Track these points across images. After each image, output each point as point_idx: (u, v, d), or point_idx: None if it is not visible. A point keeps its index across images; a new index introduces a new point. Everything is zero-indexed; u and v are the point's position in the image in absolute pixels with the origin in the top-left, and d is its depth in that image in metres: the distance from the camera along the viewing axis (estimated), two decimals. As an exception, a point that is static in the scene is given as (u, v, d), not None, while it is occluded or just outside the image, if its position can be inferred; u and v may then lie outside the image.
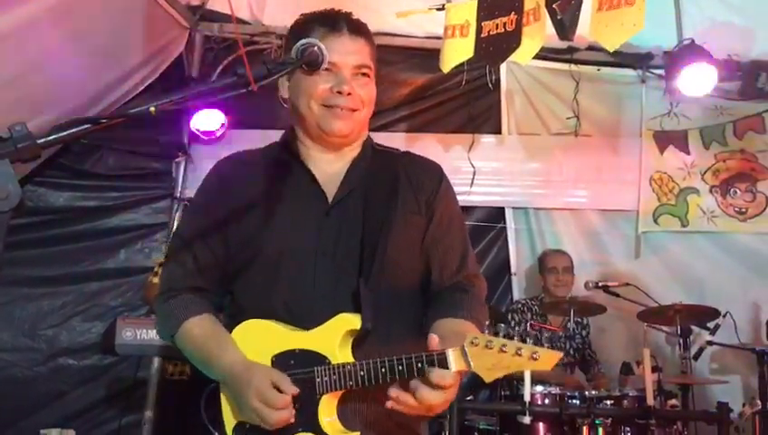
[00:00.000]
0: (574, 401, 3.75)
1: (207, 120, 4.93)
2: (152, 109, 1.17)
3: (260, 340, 1.72)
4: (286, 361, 1.68)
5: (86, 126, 1.15)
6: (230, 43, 5.06)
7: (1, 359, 4.72)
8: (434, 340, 1.54)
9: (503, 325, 4.28)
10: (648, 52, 5.16)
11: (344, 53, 1.75)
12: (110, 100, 4.54)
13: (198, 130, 4.97)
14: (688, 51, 4.69)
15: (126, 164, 5.05)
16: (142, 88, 4.70)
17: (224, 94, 1.29)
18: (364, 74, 1.80)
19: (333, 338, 1.65)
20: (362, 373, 1.59)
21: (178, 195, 4.99)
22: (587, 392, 3.83)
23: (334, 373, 1.62)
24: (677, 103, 5.21)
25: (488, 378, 1.48)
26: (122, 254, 4.97)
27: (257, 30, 5.03)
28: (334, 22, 1.77)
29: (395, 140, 5.16)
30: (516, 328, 4.67)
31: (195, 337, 1.78)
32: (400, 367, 1.54)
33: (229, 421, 1.75)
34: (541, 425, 3.72)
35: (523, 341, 3.76)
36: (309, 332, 1.69)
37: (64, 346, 4.79)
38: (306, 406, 1.64)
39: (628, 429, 3.72)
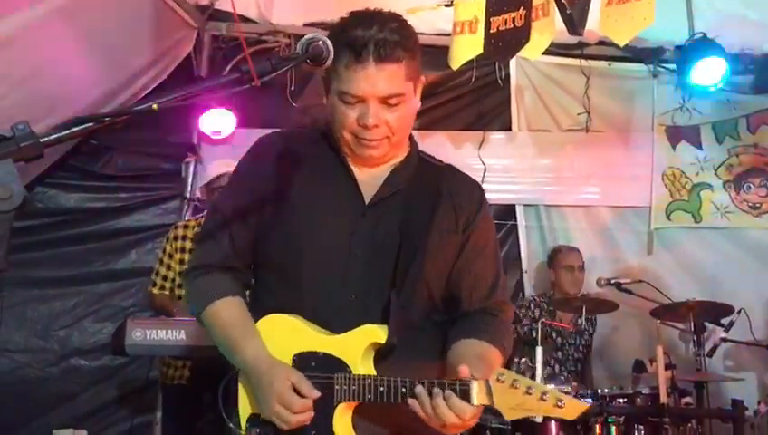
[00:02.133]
0: (587, 399, 3.71)
1: (217, 120, 4.93)
2: (155, 106, 1.15)
3: (284, 336, 1.71)
4: (308, 362, 1.67)
5: (89, 124, 1.13)
6: (238, 42, 5.07)
7: (14, 359, 4.75)
8: (464, 370, 1.51)
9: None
10: (659, 46, 5.12)
11: (369, 84, 1.64)
12: (120, 100, 4.55)
13: (207, 130, 4.97)
14: (700, 45, 4.66)
15: (136, 165, 5.07)
16: (151, 88, 4.70)
17: (228, 90, 1.28)
18: (394, 104, 1.69)
19: (357, 348, 1.64)
20: (382, 389, 1.57)
21: (188, 195, 4.99)
22: (599, 390, 3.79)
23: (354, 384, 1.61)
24: (689, 98, 5.17)
25: (509, 417, 1.48)
26: (133, 254, 4.99)
27: (265, 29, 5.03)
28: (360, 48, 1.63)
29: (404, 137, 5.14)
30: (526, 327, 4.64)
31: (222, 321, 1.76)
32: (431, 388, 1.53)
33: (245, 411, 1.74)
34: (553, 424, 3.67)
35: (534, 338, 3.73)
36: (333, 337, 1.67)
37: (76, 347, 4.82)
38: (322, 411, 1.63)
39: (641, 427, 3.67)
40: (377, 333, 1.63)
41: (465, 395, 1.49)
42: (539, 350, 3.49)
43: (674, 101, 5.21)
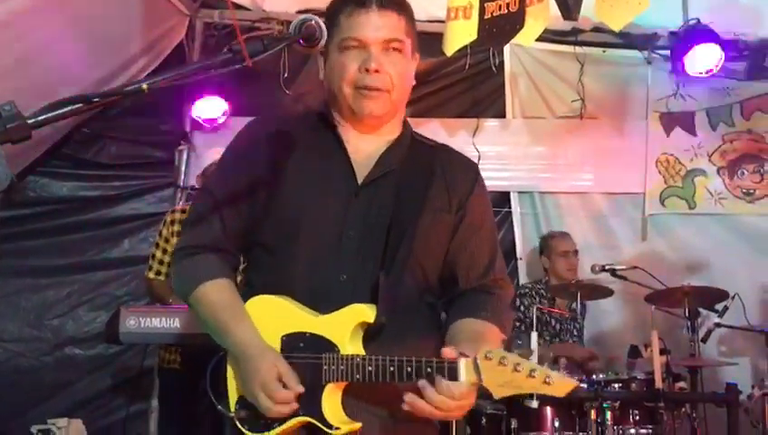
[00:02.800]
0: (582, 384, 3.72)
1: (209, 107, 4.91)
2: (145, 86, 1.14)
3: (273, 317, 1.70)
4: (296, 342, 1.66)
5: (78, 105, 1.11)
6: (231, 29, 5.03)
7: (7, 349, 4.74)
8: (447, 351, 1.51)
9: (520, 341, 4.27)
10: (653, 32, 5.10)
11: (371, 28, 1.68)
12: (112, 88, 4.51)
13: (200, 118, 4.95)
14: (694, 31, 4.65)
15: (128, 153, 5.05)
16: (143, 76, 4.67)
17: (219, 70, 1.26)
18: (395, 49, 1.72)
19: (345, 327, 1.62)
20: (370, 369, 1.56)
21: (181, 183, 4.97)
22: (595, 376, 3.80)
23: (342, 363, 1.60)
24: (684, 84, 5.15)
25: (497, 394, 1.47)
26: (126, 243, 4.97)
27: (258, 16, 4.99)
28: None
29: (398, 125, 5.12)
30: (526, 312, 4.64)
31: (211, 303, 1.74)
32: (409, 368, 1.52)
33: (233, 393, 1.73)
34: (548, 409, 3.68)
35: (532, 325, 3.74)
36: (322, 316, 1.66)
37: (70, 336, 4.81)
38: (310, 392, 1.62)
39: (636, 411, 3.69)
40: (365, 313, 1.61)
41: (453, 373, 1.48)
42: (534, 335, 3.49)
43: (668, 88, 5.19)
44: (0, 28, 3.50)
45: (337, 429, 1.61)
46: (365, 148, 1.79)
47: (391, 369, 1.53)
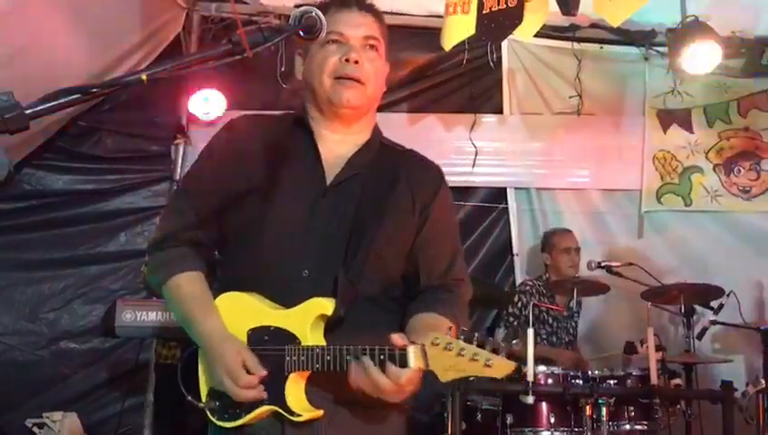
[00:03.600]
0: (577, 380, 3.72)
1: (206, 101, 4.88)
2: (144, 77, 1.13)
3: (240, 312, 1.79)
4: (261, 336, 1.75)
5: (76, 96, 1.11)
6: (228, 22, 5.01)
7: (2, 343, 4.71)
8: (396, 338, 1.59)
9: (498, 330, 4.28)
10: (651, 29, 5.11)
11: (353, 25, 1.84)
12: (110, 78, 4.49)
13: (197, 112, 4.92)
14: (692, 28, 4.62)
15: (124, 147, 5.01)
16: (141, 68, 4.65)
17: (219, 61, 1.25)
18: (372, 46, 1.86)
19: (306, 320, 1.71)
20: (328, 358, 1.64)
21: (178, 177, 4.95)
22: (590, 372, 3.80)
23: (303, 354, 1.68)
24: (681, 81, 5.16)
25: (443, 378, 1.54)
26: (122, 237, 4.95)
27: (255, 9, 4.97)
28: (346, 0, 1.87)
29: (396, 120, 5.12)
30: (523, 309, 4.64)
31: (182, 294, 1.83)
32: (364, 355, 1.60)
33: (204, 385, 1.82)
34: (544, 405, 3.69)
35: (530, 322, 3.73)
36: (285, 311, 1.74)
37: (66, 329, 4.78)
38: (274, 382, 1.71)
39: (631, 408, 3.69)
40: (325, 306, 1.70)
41: (403, 359, 1.56)
42: (530, 331, 3.49)
43: (665, 85, 5.20)
44: (-2, 20, 3.48)
45: (299, 416, 1.70)
46: (336, 149, 1.88)
47: (348, 357, 1.62)
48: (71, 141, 4.93)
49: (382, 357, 1.58)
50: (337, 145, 1.89)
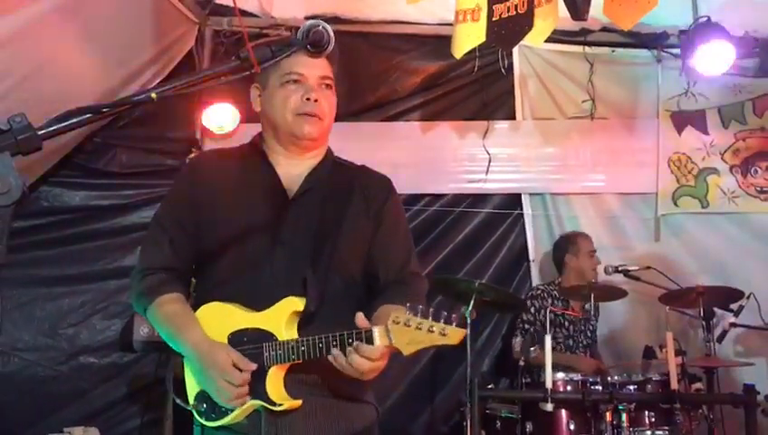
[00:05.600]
0: (596, 386, 3.70)
1: (220, 115, 4.91)
2: (153, 95, 1.14)
3: (219, 320, 1.96)
4: (240, 338, 1.93)
5: (87, 115, 1.12)
6: (240, 36, 5.03)
7: (23, 359, 4.74)
8: (360, 318, 1.81)
9: (515, 339, 4.28)
10: (663, 31, 5.08)
11: (309, 65, 2.02)
12: (120, 98, 4.53)
13: (210, 125, 4.96)
14: (704, 29, 4.60)
15: (139, 162, 5.05)
16: (154, 84, 4.69)
17: (228, 78, 1.26)
18: (327, 86, 2.08)
19: (281, 318, 1.89)
20: (303, 348, 1.83)
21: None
22: (609, 378, 3.78)
23: (280, 348, 1.87)
24: (695, 83, 5.12)
25: (406, 351, 1.75)
26: (139, 251, 4.96)
27: (266, 23, 5.00)
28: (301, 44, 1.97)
29: (409, 129, 5.14)
30: (537, 314, 4.63)
31: (164, 314, 2.01)
32: (335, 342, 1.80)
33: (192, 389, 1.98)
34: (563, 412, 3.67)
35: (544, 328, 3.72)
36: (260, 313, 1.92)
37: (85, 345, 4.80)
38: (256, 376, 1.87)
39: (652, 413, 3.67)
40: (296, 303, 1.90)
41: (369, 339, 1.77)
42: (548, 338, 3.47)
43: (679, 87, 5.16)
44: (10, 40, 3.52)
45: (280, 405, 1.87)
46: (292, 170, 2.09)
47: (320, 345, 1.81)
48: (86, 158, 4.97)
49: (351, 341, 1.78)
50: (293, 167, 2.10)
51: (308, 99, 2.02)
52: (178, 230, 2.07)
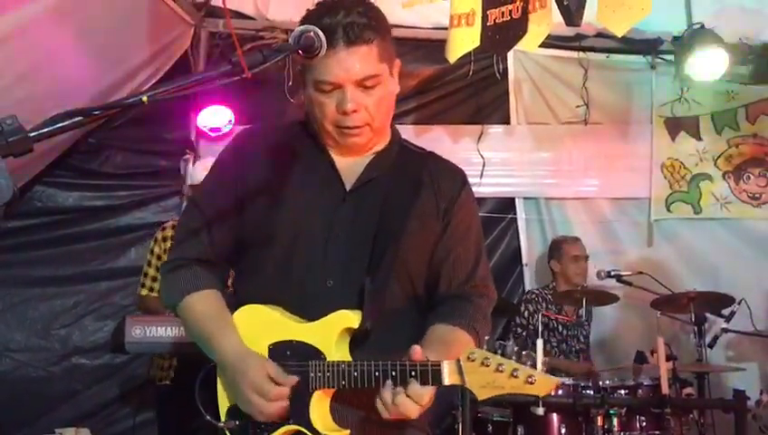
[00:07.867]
0: (588, 391, 3.71)
1: (214, 116, 4.92)
2: (144, 98, 1.14)
3: (259, 326, 1.70)
4: (283, 351, 1.66)
5: (78, 118, 1.12)
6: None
7: (15, 359, 4.75)
8: (416, 352, 1.51)
9: (507, 343, 4.27)
10: (657, 37, 5.10)
11: (343, 69, 1.64)
12: (116, 98, 4.53)
13: (205, 127, 4.97)
14: (698, 35, 4.64)
15: (133, 163, 5.06)
16: (149, 85, 4.69)
17: (219, 83, 1.27)
18: (370, 86, 1.69)
19: (331, 334, 1.62)
20: (356, 374, 1.55)
21: (186, 192, 4.98)
22: (601, 382, 3.79)
23: (328, 370, 1.59)
24: (688, 89, 5.15)
25: (481, 396, 1.47)
26: (132, 252, 4.97)
27: (261, 25, 5.01)
28: (330, 35, 1.57)
29: (403, 132, 5.07)
30: (530, 319, 4.64)
31: (197, 313, 1.76)
32: (394, 372, 1.51)
33: (224, 403, 1.73)
34: (554, 416, 3.68)
35: (536, 331, 3.73)
36: (308, 324, 1.66)
37: (77, 346, 4.82)
38: (299, 399, 1.62)
39: (643, 418, 3.67)
40: (350, 319, 1.61)
41: (437, 376, 1.48)
42: (539, 342, 3.47)
43: (672, 93, 5.19)
44: (5, 40, 3.52)
45: None
46: (353, 157, 1.79)
47: (376, 374, 1.53)
48: (80, 159, 4.98)
49: (414, 373, 1.49)
50: (355, 155, 1.80)
51: (344, 112, 1.67)
52: (218, 219, 1.78)
